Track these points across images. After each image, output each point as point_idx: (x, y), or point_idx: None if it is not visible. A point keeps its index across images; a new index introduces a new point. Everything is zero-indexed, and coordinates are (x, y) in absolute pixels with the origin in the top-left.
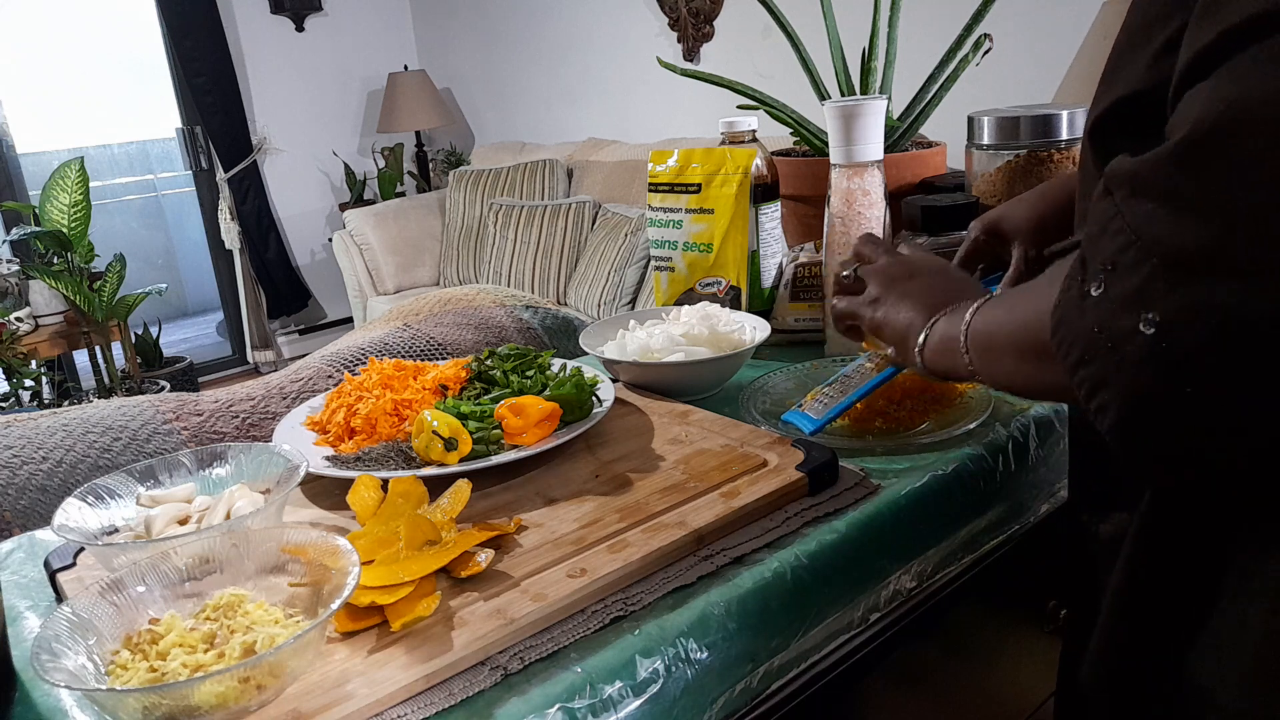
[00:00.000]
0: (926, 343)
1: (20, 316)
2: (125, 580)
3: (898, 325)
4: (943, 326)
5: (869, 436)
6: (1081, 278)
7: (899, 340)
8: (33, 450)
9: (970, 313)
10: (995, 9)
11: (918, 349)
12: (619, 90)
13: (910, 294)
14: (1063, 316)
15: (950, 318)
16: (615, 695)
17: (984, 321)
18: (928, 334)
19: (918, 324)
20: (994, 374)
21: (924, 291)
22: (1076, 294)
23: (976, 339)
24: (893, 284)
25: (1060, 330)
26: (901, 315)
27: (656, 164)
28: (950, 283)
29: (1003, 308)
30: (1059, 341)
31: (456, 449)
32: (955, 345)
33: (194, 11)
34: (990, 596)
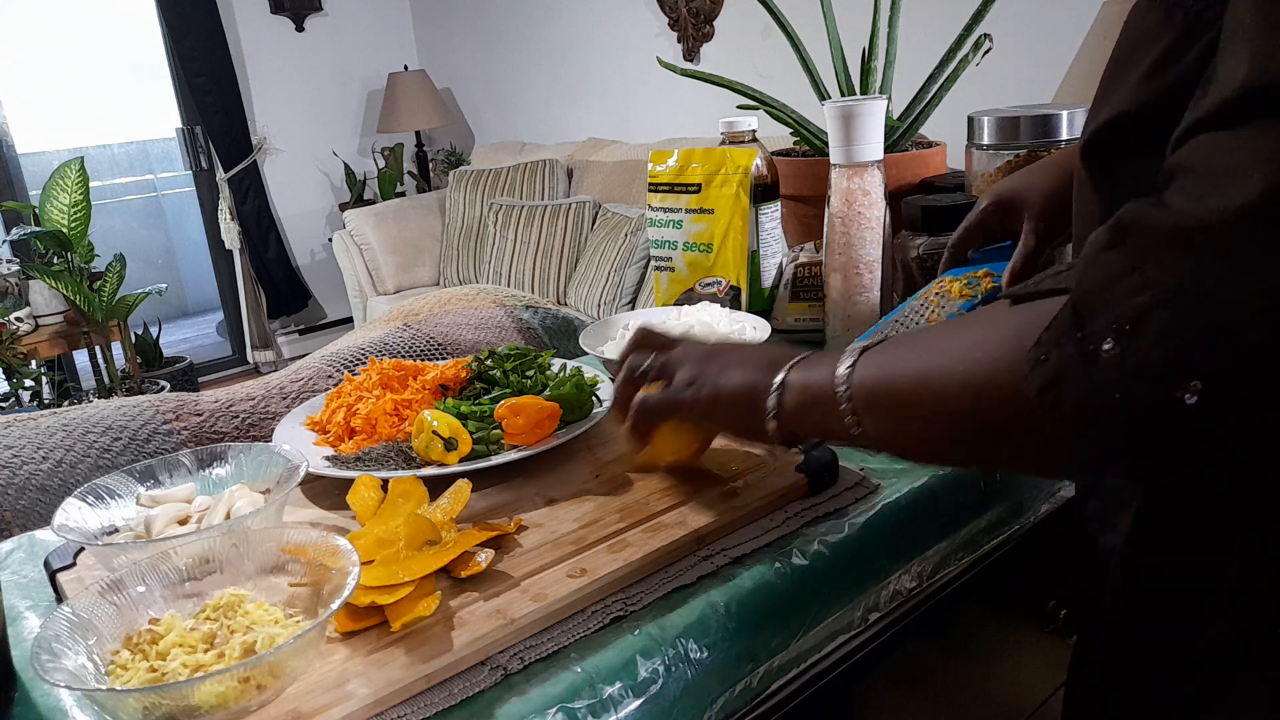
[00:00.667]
0: (782, 400)
1: (20, 316)
2: (125, 580)
3: (735, 392)
4: (802, 377)
5: None
6: (1080, 332)
7: (740, 409)
8: (33, 450)
9: (849, 362)
10: (995, 9)
11: (771, 412)
12: (619, 90)
13: (734, 362)
14: (1057, 377)
15: (808, 368)
16: (615, 695)
17: (880, 372)
18: (781, 389)
19: (763, 383)
20: (899, 433)
21: (748, 356)
22: (1076, 351)
23: (870, 392)
24: (708, 359)
25: (1056, 391)
26: (734, 381)
27: (656, 164)
28: (770, 347)
29: (906, 354)
30: (1054, 402)
31: (456, 449)
32: (828, 399)
33: (194, 11)
34: (990, 596)
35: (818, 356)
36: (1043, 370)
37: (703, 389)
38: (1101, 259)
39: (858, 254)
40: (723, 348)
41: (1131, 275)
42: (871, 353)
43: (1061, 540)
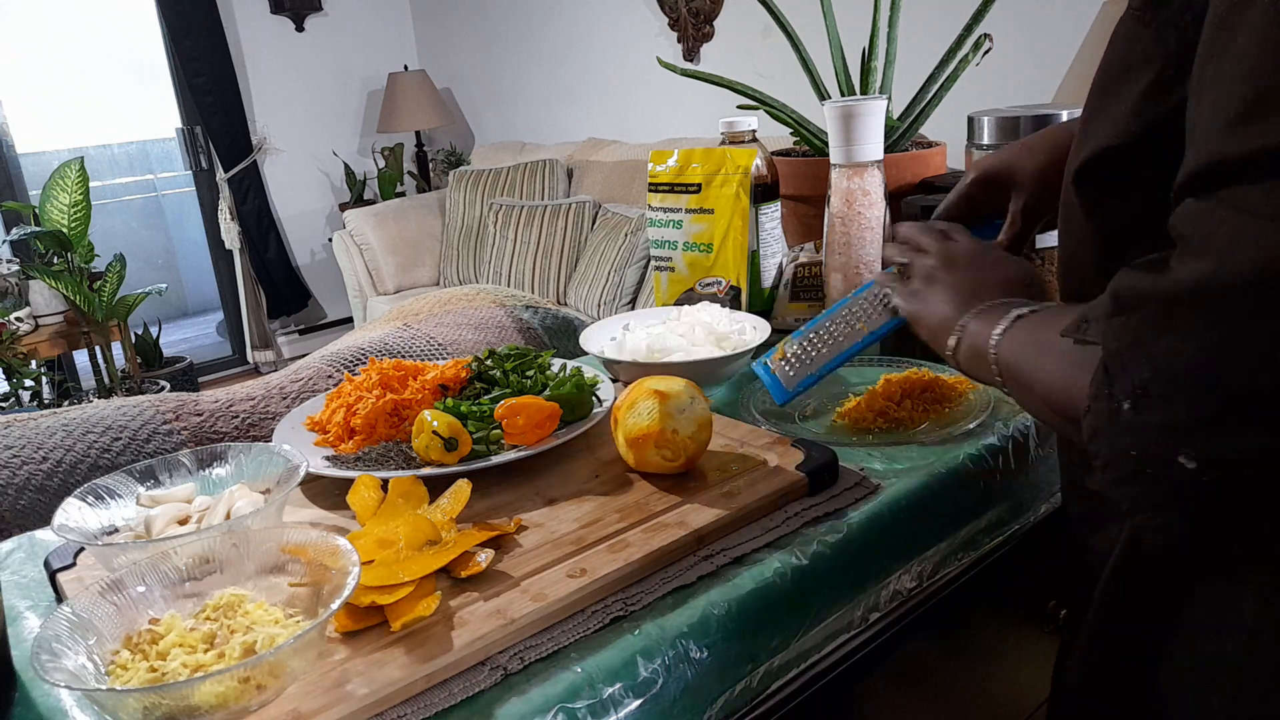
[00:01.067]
0: (959, 346)
1: (20, 316)
2: (125, 580)
3: (931, 321)
4: (974, 329)
5: (869, 436)
6: (1109, 390)
7: (933, 336)
8: (32, 450)
9: (999, 331)
10: (995, 9)
11: (951, 351)
12: (619, 90)
13: (946, 286)
14: (1096, 428)
15: (981, 320)
16: (615, 695)
17: (1013, 347)
18: (959, 336)
19: (950, 322)
20: (1031, 410)
21: (959, 284)
22: (1108, 407)
23: (1005, 362)
24: (933, 275)
25: (1095, 442)
26: (936, 310)
27: (656, 164)
28: (989, 273)
29: (1030, 342)
30: (1094, 452)
31: (456, 449)
32: (985, 358)
33: (194, 11)
34: (990, 596)
35: (996, 308)
36: (1088, 422)
37: (914, 304)
38: (1113, 324)
39: (858, 254)
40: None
41: (1137, 344)
42: (1020, 324)
43: (1061, 540)
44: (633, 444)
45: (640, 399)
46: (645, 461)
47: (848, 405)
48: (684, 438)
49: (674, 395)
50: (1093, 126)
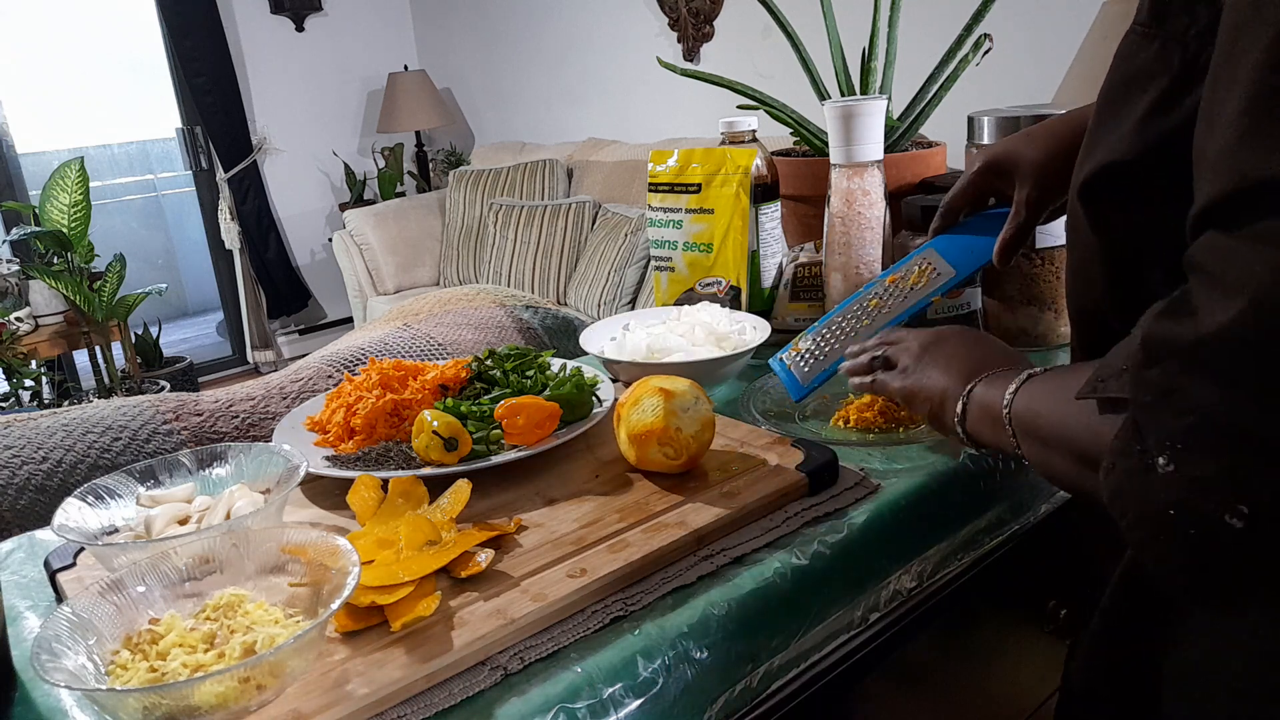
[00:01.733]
0: (967, 411)
1: (20, 316)
2: (125, 580)
3: (931, 393)
4: (982, 394)
5: (869, 436)
6: (1140, 446)
7: (935, 410)
8: (32, 450)
9: (1013, 389)
10: (995, 9)
11: (957, 418)
12: (619, 90)
13: (941, 359)
14: (1121, 487)
15: (989, 386)
16: (615, 695)
17: (1029, 405)
18: (965, 401)
19: (954, 391)
20: (1047, 469)
21: (955, 356)
22: (1138, 464)
23: (1022, 422)
24: (922, 353)
25: (1121, 501)
26: (934, 382)
27: (656, 164)
28: (983, 347)
29: (1047, 397)
30: (1120, 512)
31: (456, 449)
32: (999, 421)
33: (194, 11)
34: (990, 596)
35: (1003, 373)
36: (1111, 479)
37: (907, 380)
38: (1144, 378)
39: (858, 254)
40: (936, 339)
41: (1173, 396)
42: (1031, 383)
43: (1061, 540)
44: (635, 440)
45: (645, 396)
46: (647, 459)
47: (848, 405)
48: (687, 436)
49: (679, 394)
50: (1097, 141)
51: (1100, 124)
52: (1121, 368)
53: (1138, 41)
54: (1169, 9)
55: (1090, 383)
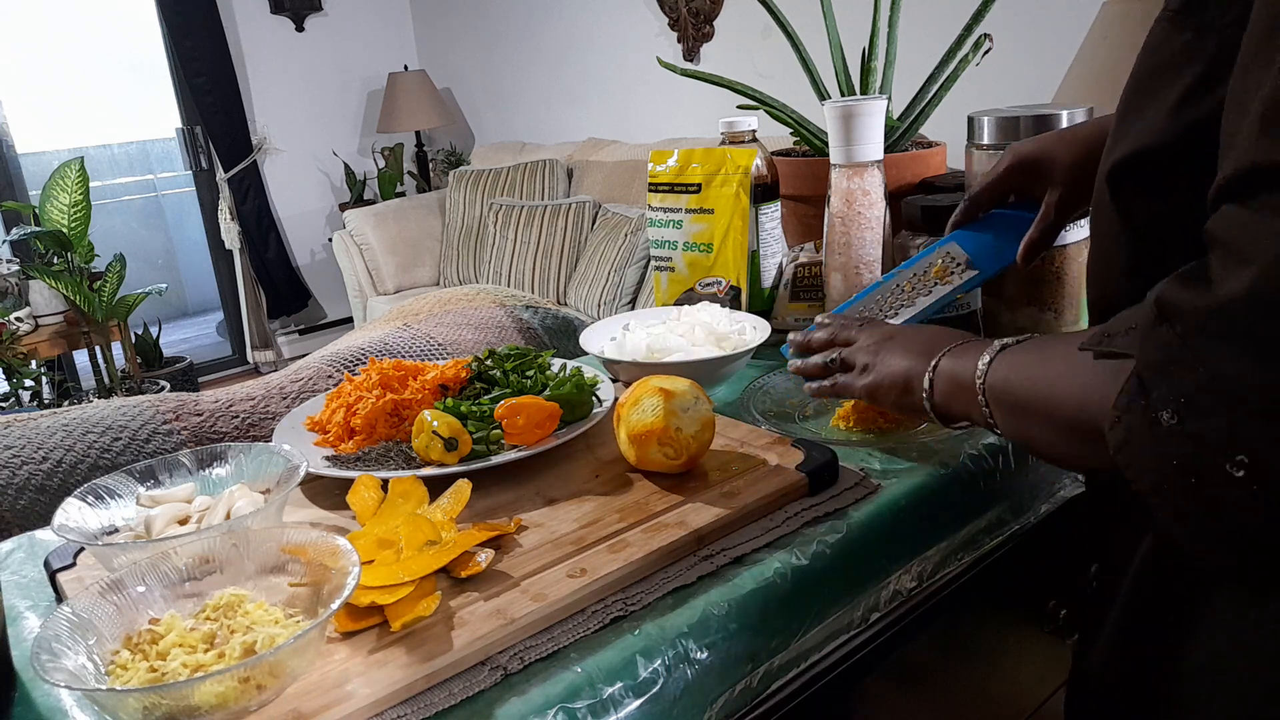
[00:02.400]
0: (934, 386)
1: (20, 316)
2: (125, 580)
3: (895, 378)
4: (949, 366)
5: (869, 436)
6: (1145, 401)
7: (901, 394)
8: (32, 450)
9: (987, 359)
10: (995, 9)
11: (924, 394)
12: (619, 90)
13: (898, 347)
14: (1128, 438)
15: (956, 359)
16: (615, 695)
17: (1008, 376)
18: (932, 376)
19: (918, 368)
20: (1023, 436)
21: (913, 341)
22: (1143, 418)
23: (999, 393)
24: (879, 347)
25: (1126, 452)
26: (896, 367)
27: (656, 164)
28: (938, 332)
29: (1030, 364)
30: (1125, 463)
31: (456, 449)
32: (970, 392)
33: (194, 11)
34: (990, 596)
35: (968, 346)
36: (1117, 432)
37: (868, 377)
38: (1155, 334)
39: (858, 254)
40: (892, 334)
41: (1184, 354)
42: (1007, 353)
43: (1061, 540)
44: (635, 440)
45: (645, 396)
46: (647, 459)
47: (848, 405)
48: (687, 436)
49: (679, 394)
50: (1127, 128)
51: (1128, 112)
52: (1130, 325)
53: (1168, 30)
54: None
55: (1096, 337)
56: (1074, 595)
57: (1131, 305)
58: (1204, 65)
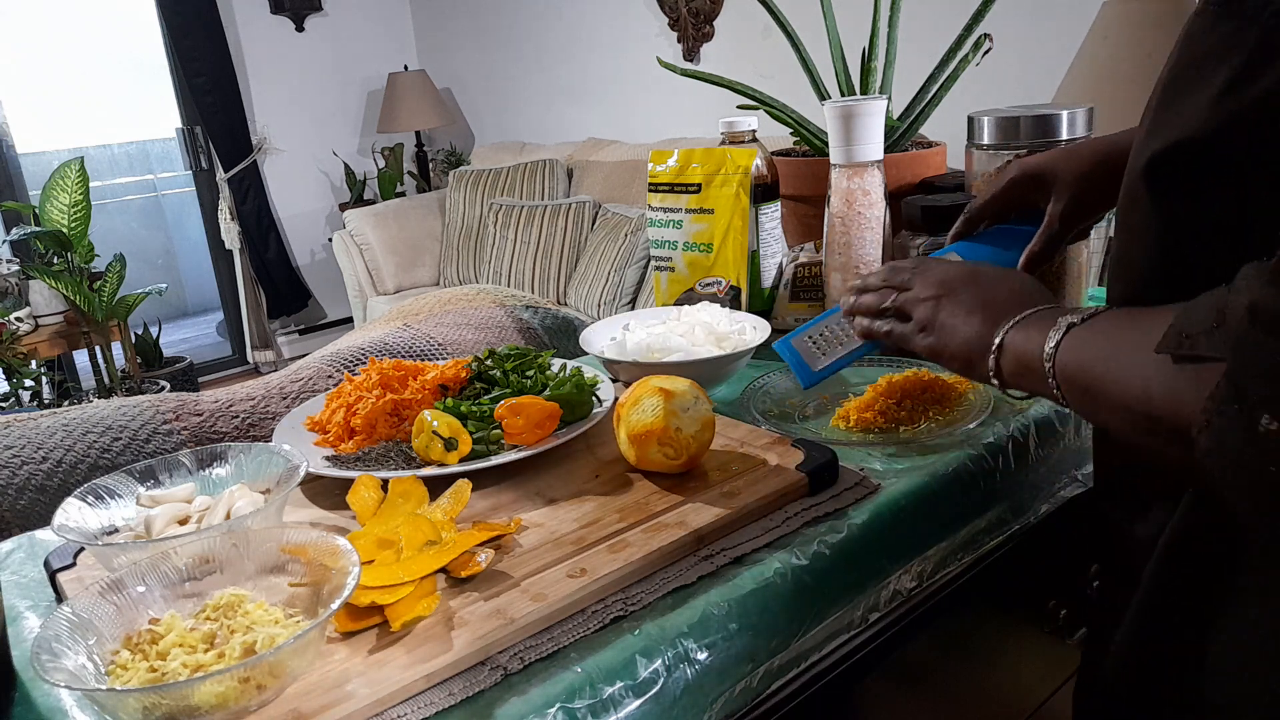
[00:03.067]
0: (1001, 363)
1: (20, 316)
2: (125, 580)
3: (958, 349)
4: (1018, 342)
5: (869, 436)
6: (1238, 404)
7: (965, 363)
8: (32, 450)
9: (1055, 339)
10: (995, 9)
11: (992, 370)
12: (619, 90)
13: (960, 310)
14: (1221, 443)
15: (1025, 331)
16: (615, 695)
17: (1079, 359)
18: (998, 355)
19: (983, 342)
20: (1099, 421)
21: (975, 305)
22: (1239, 421)
23: (1070, 375)
24: (938, 306)
25: (1219, 455)
26: (959, 336)
27: (656, 164)
28: (1003, 285)
29: (1101, 350)
30: (1219, 466)
31: (456, 449)
32: (1039, 371)
33: (194, 11)
34: (990, 596)
35: (1036, 318)
36: (1208, 434)
37: (929, 338)
38: (1251, 338)
39: (858, 254)
40: (951, 285)
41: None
42: (1077, 332)
43: (1061, 540)
44: (635, 440)
45: (645, 396)
46: (647, 459)
47: (848, 405)
48: (687, 436)
49: (679, 394)
50: (1164, 120)
51: (1167, 104)
52: (1211, 324)
53: (1210, 22)
54: None
55: (1173, 338)
56: (1074, 595)
57: (1157, 303)
58: (1247, 55)
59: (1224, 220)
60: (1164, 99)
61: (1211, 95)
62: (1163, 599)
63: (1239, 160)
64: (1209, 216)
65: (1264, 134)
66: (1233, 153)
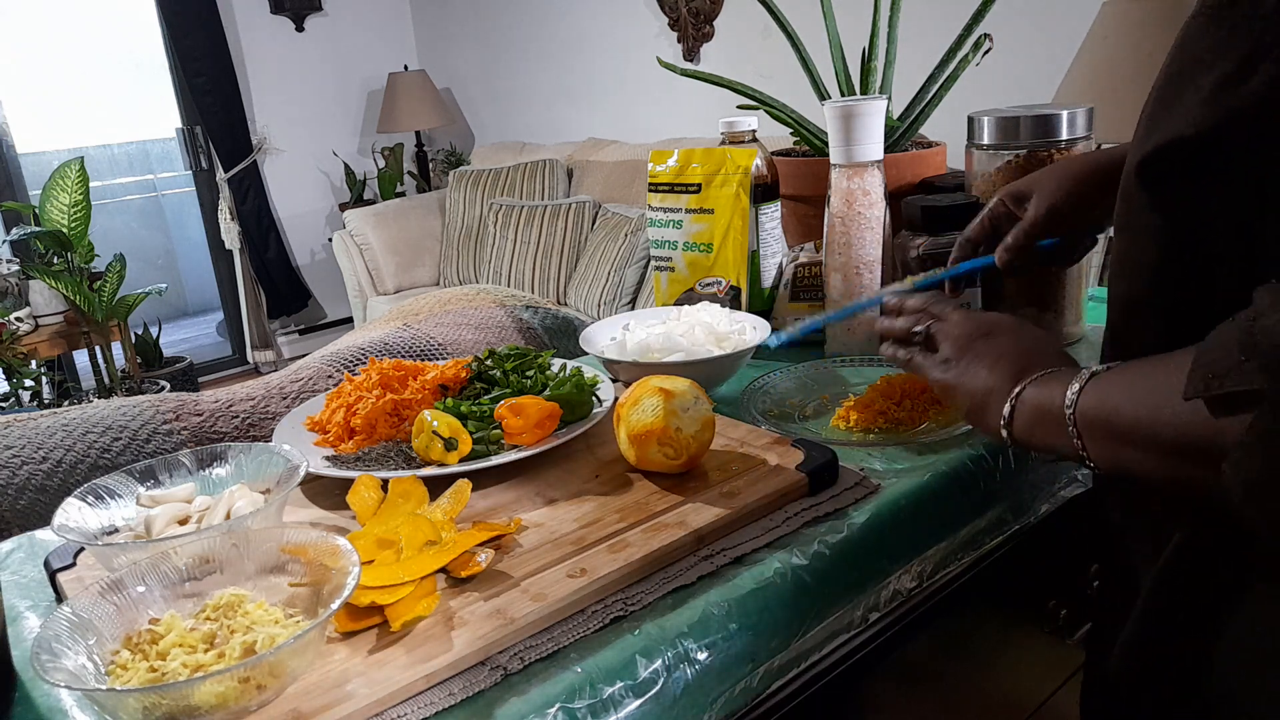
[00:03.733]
0: (1015, 415)
1: (20, 316)
2: (125, 580)
3: (974, 391)
4: (1035, 396)
5: (869, 436)
6: None
7: (977, 408)
8: (33, 450)
9: (1077, 387)
10: (995, 9)
11: (1004, 421)
12: (619, 90)
13: (987, 355)
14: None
15: (1043, 387)
16: (615, 695)
17: (1103, 405)
18: (1015, 404)
19: (1002, 391)
20: (1120, 465)
21: (1004, 353)
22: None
23: (1092, 422)
24: (968, 344)
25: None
26: (979, 380)
27: (656, 164)
28: (1032, 343)
29: (1126, 391)
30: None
31: (456, 449)
32: (1058, 422)
33: (194, 11)
34: (990, 596)
35: (1057, 375)
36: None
37: (948, 373)
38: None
39: (858, 254)
40: (986, 330)
41: None
42: (1098, 381)
43: (1061, 540)
44: (635, 440)
45: (645, 396)
46: (647, 459)
47: (848, 405)
48: (687, 436)
49: (679, 394)
50: (1159, 119)
51: (1162, 105)
52: (1239, 359)
53: (1204, 25)
54: None
55: (1199, 381)
56: (1074, 595)
57: (1148, 305)
58: (1241, 55)
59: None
60: (1158, 101)
61: (1205, 94)
62: (1167, 600)
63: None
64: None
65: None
66: (1224, 151)
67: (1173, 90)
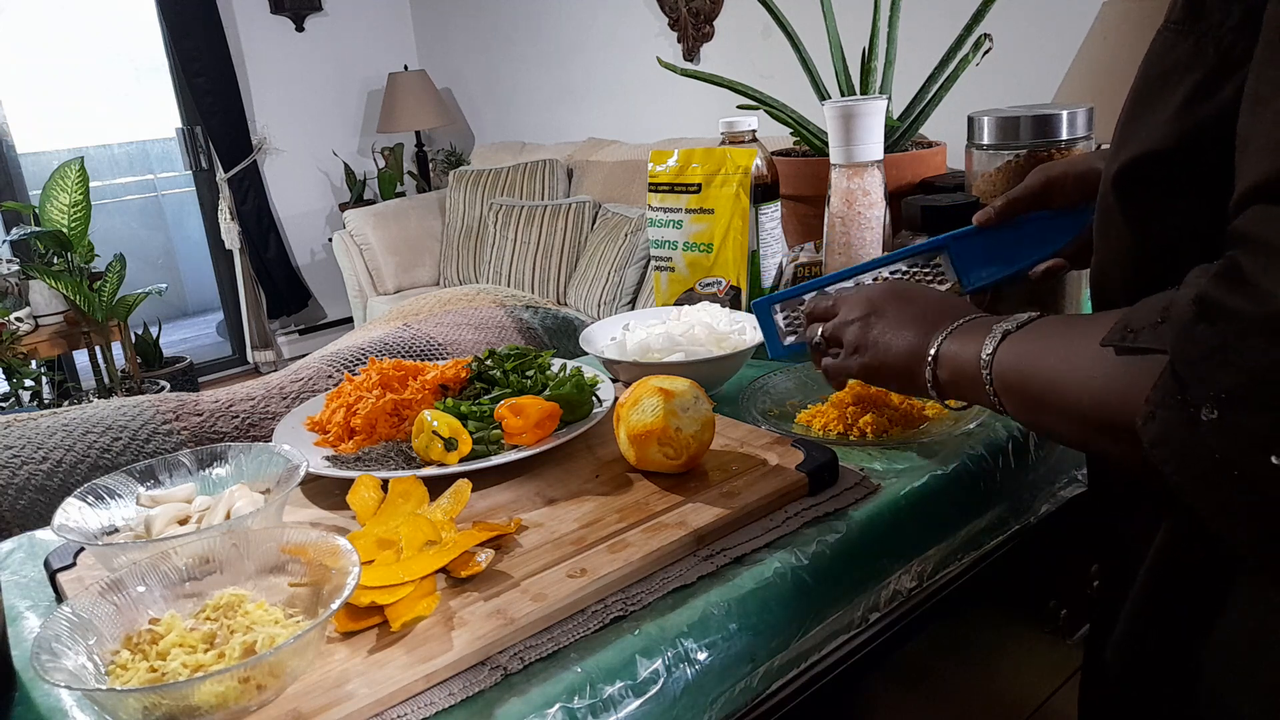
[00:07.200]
0: (937, 370)
1: (20, 316)
2: (125, 580)
3: (894, 362)
4: (951, 351)
5: (868, 436)
6: (1182, 396)
7: (904, 376)
8: (32, 450)
9: (992, 345)
10: (995, 9)
11: (928, 380)
12: (619, 90)
13: (890, 324)
14: (1166, 434)
15: (960, 340)
16: (615, 695)
17: (1017, 363)
18: (933, 361)
19: (917, 353)
20: (1037, 425)
21: (904, 316)
22: (1181, 414)
23: (1008, 381)
24: (867, 323)
25: (1163, 447)
26: (894, 348)
27: (656, 164)
28: (926, 301)
29: (1039, 354)
30: (1162, 458)
31: (456, 449)
32: (976, 378)
33: (194, 11)
34: (990, 596)
35: (969, 327)
36: (1152, 426)
37: (864, 357)
38: (1194, 332)
39: (858, 254)
40: (877, 305)
41: (1225, 353)
42: (1013, 340)
43: (1061, 540)
44: (635, 440)
45: (644, 396)
46: (647, 459)
47: (835, 398)
48: (686, 436)
49: (679, 394)
50: (1131, 133)
51: (1133, 118)
52: (1154, 320)
53: (1171, 39)
54: (1204, 6)
55: (1118, 332)
56: (1074, 595)
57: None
58: (1207, 68)
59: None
60: (1129, 115)
61: (1174, 108)
62: (1157, 596)
63: (1200, 172)
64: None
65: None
66: (1194, 164)
67: (1142, 106)
